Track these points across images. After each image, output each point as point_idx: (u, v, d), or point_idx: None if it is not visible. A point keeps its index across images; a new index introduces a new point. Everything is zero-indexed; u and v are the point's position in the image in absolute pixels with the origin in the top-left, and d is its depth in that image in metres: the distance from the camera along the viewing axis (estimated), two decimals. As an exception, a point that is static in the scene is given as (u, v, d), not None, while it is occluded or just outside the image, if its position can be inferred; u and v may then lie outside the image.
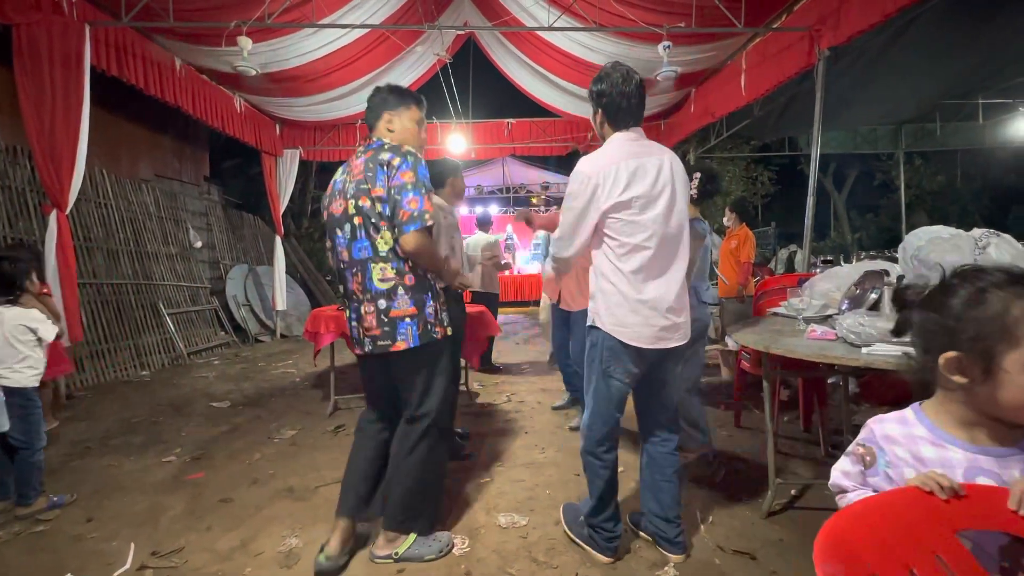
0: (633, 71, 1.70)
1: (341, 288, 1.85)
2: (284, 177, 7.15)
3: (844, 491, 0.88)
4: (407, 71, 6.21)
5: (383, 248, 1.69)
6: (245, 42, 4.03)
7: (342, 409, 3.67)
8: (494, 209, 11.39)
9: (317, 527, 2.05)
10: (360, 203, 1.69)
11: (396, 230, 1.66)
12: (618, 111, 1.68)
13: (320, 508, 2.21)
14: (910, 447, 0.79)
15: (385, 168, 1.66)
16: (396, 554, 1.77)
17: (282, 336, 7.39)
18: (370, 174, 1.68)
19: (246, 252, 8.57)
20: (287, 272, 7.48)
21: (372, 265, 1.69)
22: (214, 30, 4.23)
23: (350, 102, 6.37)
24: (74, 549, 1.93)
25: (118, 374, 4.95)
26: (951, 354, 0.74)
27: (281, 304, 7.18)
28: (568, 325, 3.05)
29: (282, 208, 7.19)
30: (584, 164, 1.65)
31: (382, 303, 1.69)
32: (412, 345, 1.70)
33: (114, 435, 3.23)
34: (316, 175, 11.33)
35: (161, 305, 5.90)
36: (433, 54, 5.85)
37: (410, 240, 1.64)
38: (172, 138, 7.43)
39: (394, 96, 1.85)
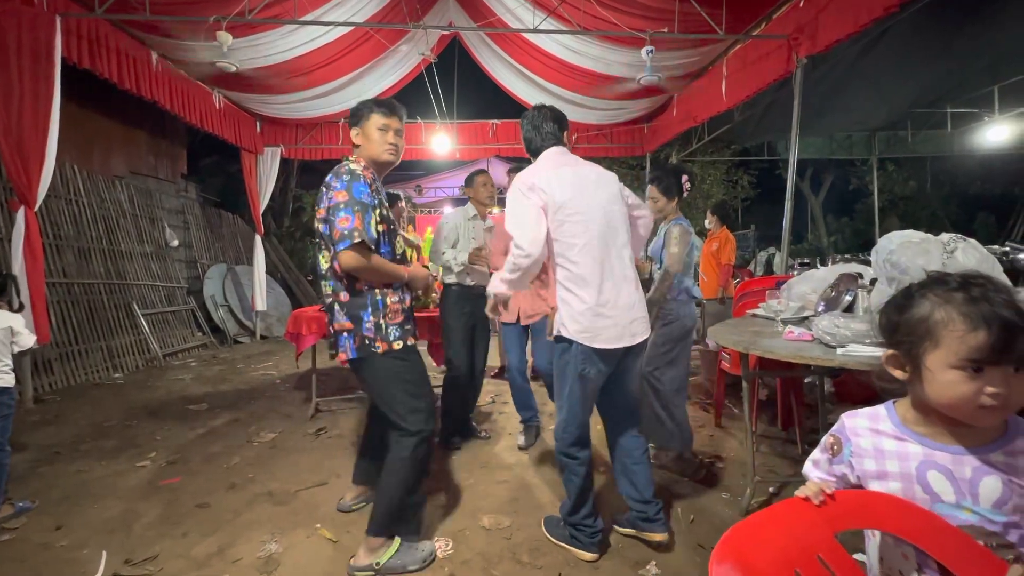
0: (550, 108, 1.95)
1: None
2: (264, 175, 7.02)
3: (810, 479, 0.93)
4: (391, 70, 6.16)
5: (323, 266, 1.80)
6: (225, 37, 3.95)
7: (323, 411, 3.62)
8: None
9: (297, 532, 2.02)
10: (316, 224, 1.81)
11: (332, 249, 1.73)
12: (533, 139, 1.92)
13: (301, 512, 2.17)
14: (874, 440, 0.84)
15: (325, 189, 1.76)
16: (377, 564, 1.72)
17: (262, 337, 7.26)
18: (320, 196, 1.79)
19: (225, 251, 8.39)
20: (267, 272, 7.34)
21: (322, 281, 1.83)
22: (192, 24, 4.14)
23: (332, 100, 6.29)
24: (42, 558, 1.87)
25: (89, 376, 4.80)
26: (889, 351, 0.82)
27: (261, 304, 7.05)
28: (521, 343, 2.98)
29: (262, 207, 7.06)
30: (520, 175, 1.81)
31: (329, 316, 1.82)
32: (351, 357, 1.76)
33: (85, 439, 3.13)
34: (298, 174, 11.16)
35: (135, 305, 5.74)
36: (418, 53, 5.81)
37: (342, 258, 1.68)
38: (148, 134, 7.23)
39: (358, 110, 1.86)
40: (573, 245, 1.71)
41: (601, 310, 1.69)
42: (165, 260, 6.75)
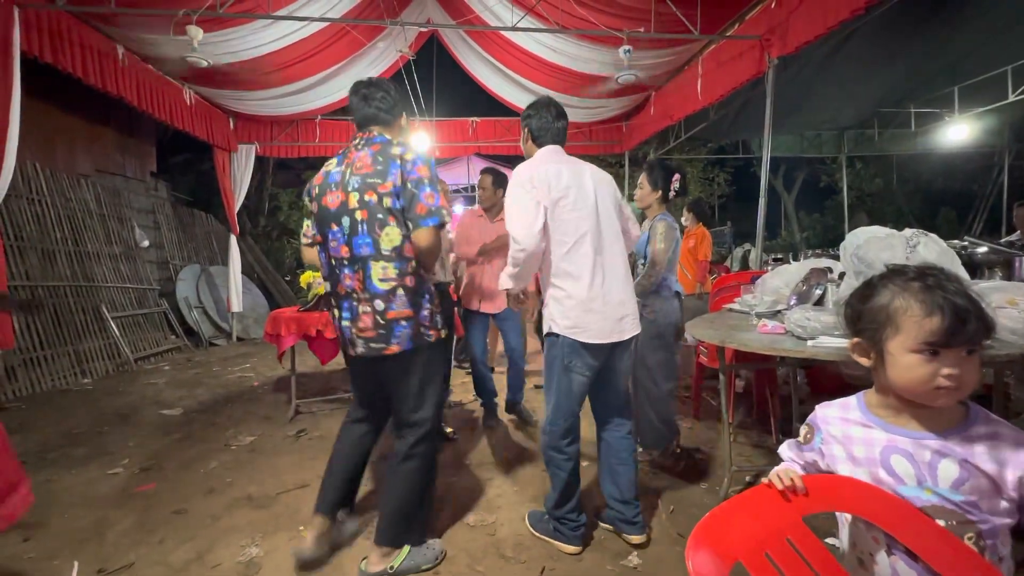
0: (559, 105, 1.94)
1: (329, 286, 1.78)
2: (239, 173, 6.85)
3: None
4: (368, 67, 6.07)
5: (387, 246, 1.63)
6: (195, 32, 3.84)
7: (304, 413, 3.57)
8: (459, 208, 11.37)
9: (279, 535, 1.99)
10: (366, 197, 1.62)
11: (411, 224, 1.63)
12: (544, 133, 1.91)
13: (282, 516, 2.15)
14: (843, 428, 0.89)
15: (399, 162, 1.63)
16: (391, 568, 1.71)
17: (239, 339, 7.10)
18: (380, 167, 1.63)
19: (198, 252, 8.16)
20: (243, 272, 7.18)
21: (373, 263, 1.63)
22: (161, 18, 4.01)
23: (308, 97, 6.17)
24: (9, 571, 1.80)
25: (56, 383, 4.62)
26: (855, 339, 0.87)
27: (237, 306, 6.89)
28: (484, 332, 3.16)
29: (237, 206, 6.90)
30: (520, 168, 1.82)
31: (379, 304, 1.64)
32: (405, 348, 1.66)
33: (52, 447, 3.02)
34: (274, 172, 10.93)
35: (104, 308, 5.55)
36: (396, 50, 5.75)
37: (425, 235, 1.61)
38: (115, 131, 6.98)
39: (406, 102, 1.84)
40: (564, 243, 1.75)
41: (591, 305, 1.73)
42: (135, 261, 6.54)
